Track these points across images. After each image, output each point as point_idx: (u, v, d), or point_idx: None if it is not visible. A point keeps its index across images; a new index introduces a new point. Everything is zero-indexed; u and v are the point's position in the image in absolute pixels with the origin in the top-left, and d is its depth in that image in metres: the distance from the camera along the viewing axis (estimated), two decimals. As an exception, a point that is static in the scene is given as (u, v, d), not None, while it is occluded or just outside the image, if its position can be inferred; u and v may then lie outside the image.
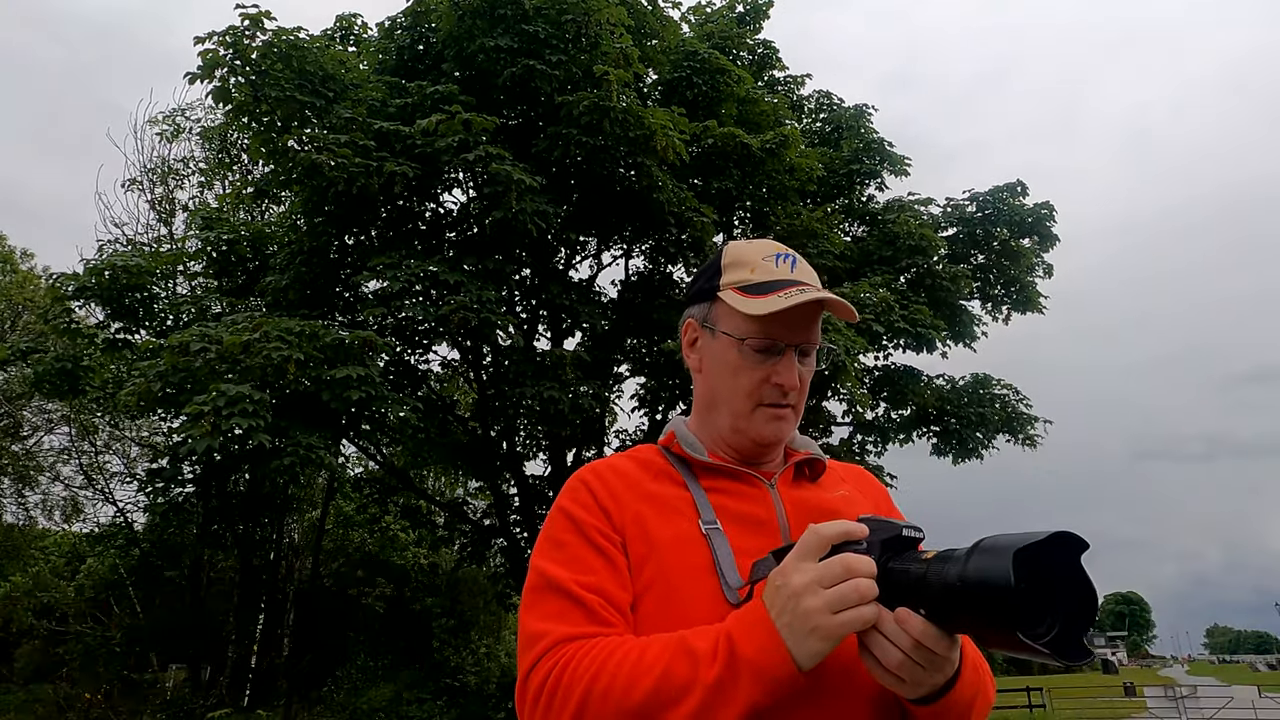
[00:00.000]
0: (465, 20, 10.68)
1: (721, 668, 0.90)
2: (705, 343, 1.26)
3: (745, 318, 1.18)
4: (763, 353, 1.18)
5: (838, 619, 0.87)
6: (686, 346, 1.29)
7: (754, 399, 1.19)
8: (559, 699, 0.96)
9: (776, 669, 0.89)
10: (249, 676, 15.26)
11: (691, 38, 13.44)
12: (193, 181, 17.05)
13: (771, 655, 0.89)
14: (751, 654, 0.90)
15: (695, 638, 0.95)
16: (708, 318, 1.25)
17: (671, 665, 0.93)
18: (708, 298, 1.25)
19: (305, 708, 14.41)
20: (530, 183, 9.54)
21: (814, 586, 0.88)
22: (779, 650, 0.89)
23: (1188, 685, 31.27)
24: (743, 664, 0.90)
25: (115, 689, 13.95)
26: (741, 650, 0.91)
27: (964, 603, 0.80)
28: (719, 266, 1.25)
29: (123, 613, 15.61)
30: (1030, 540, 0.77)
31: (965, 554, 0.82)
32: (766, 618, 0.91)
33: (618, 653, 0.97)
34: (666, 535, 1.11)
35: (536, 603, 1.08)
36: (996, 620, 0.78)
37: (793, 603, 0.89)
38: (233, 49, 9.57)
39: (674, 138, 10.09)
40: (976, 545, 0.82)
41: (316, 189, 9.71)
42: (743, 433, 1.21)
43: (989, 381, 14.08)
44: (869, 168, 14.47)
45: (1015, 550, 0.76)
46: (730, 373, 1.20)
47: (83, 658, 14.62)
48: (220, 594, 16.10)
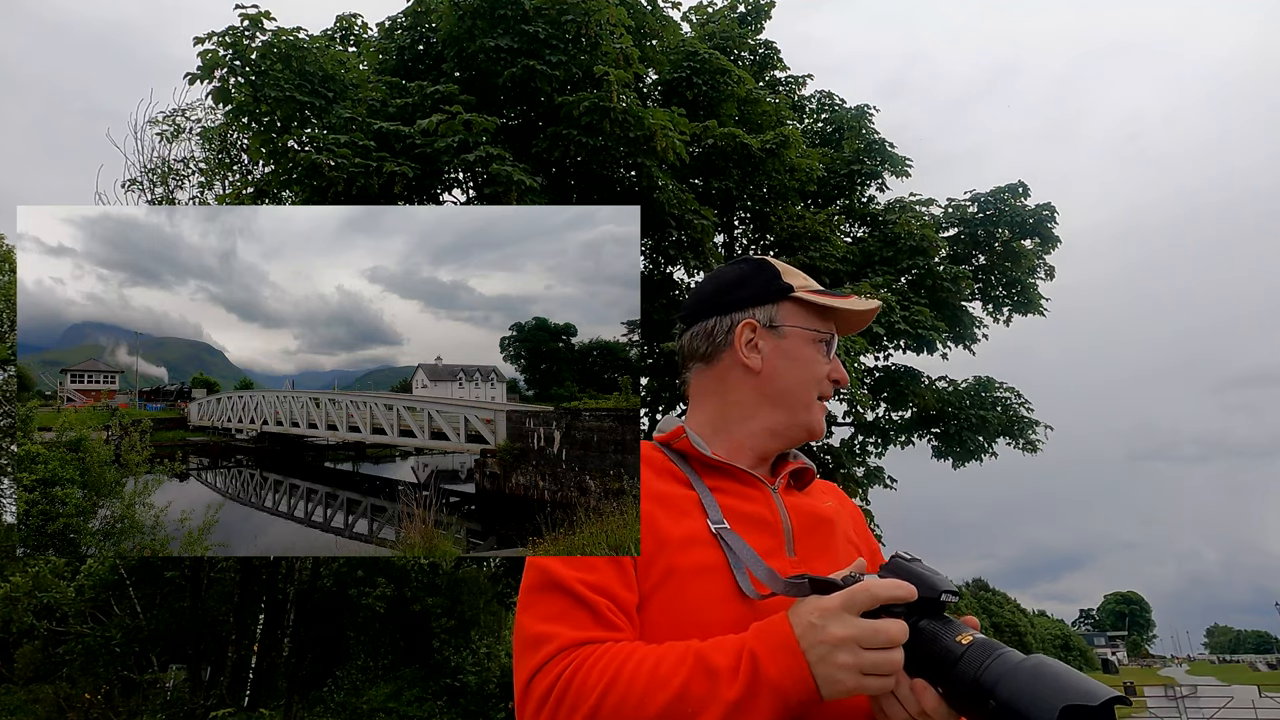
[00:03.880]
0: (465, 20, 10.67)
1: (743, 687, 0.91)
2: (769, 342, 1.28)
3: (818, 315, 1.30)
4: (827, 346, 1.30)
5: (865, 682, 0.90)
6: (743, 347, 1.29)
7: (817, 390, 1.29)
8: (565, 708, 0.94)
9: (801, 694, 0.91)
10: (249, 676, 15.24)
11: (692, 38, 13.43)
12: (193, 182, 17.03)
13: (796, 681, 0.91)
14: (776, 677, 0.91)
15: (713, 653, 0.95)
16: (774, 318, 1.28)
17: (690, 680, 0.92)
18: (772, 299, 1.29)
19: (305, 708, 14.40)
20: (530, 183, 9.52)
21: (852, 644, 0.89)
22: (805, 679, 0.90)
23: (1188, 685, 31.26)
24: (765, 685, 0.90)
25: (115, 689, 13.94)
26: (766, 671, 0.91)
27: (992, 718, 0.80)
28: (775, 272, 1.31)
29: (123, 613, 15.60)
30: (1082, 702, 0.77)
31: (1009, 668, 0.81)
32: (796, 646, 0.92)
33: (630, 663, 0.95)
34: (676, 534, 1.11)
35: (537, 602, 1.06)
36: None
37: (826, 649, 0.90)
38: (232, 49, 9.56)
39: (674, 138, 10.07)
40: (1022, 667, 0.81)
41: (316, 189, 9.70)
42: (803, 424, 1.28)
43: (990, 384, 14.06)
44: (870, 168, 14.46)
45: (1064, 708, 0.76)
46: (805, 365, 1.28)
47: (83, 658, 14.61)
48: (220, 594, 16.08)
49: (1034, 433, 13.94)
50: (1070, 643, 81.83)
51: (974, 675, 0.83)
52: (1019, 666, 0.81)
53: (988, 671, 0.82)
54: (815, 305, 1.29)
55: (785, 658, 0.91)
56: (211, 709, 12.79)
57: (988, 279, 14.87)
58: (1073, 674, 0.80)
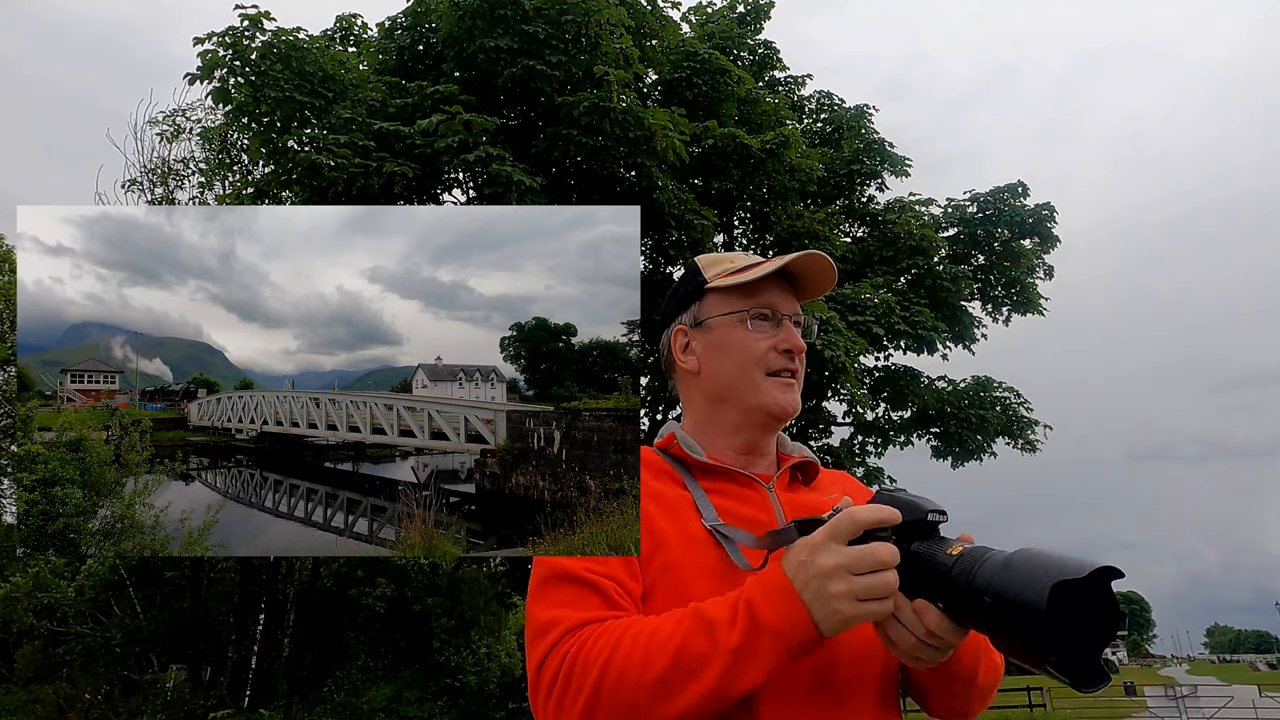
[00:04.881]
0: (465, 20, 10.66)
1: (742, 634, 0.91)
2: (700, 341, 1.29)
3: (743, 294, 1.25)
4: (763, 320, 1.24)
5: (862, 608, 0.89)
6: (679, 354, 1.31)
7: (763, 366, 1.24)
8: (572, 686, 0.95)
9: (800, 634, 0.91)
10: (249, 677, 15.24)
11: (692, 38, 13.42)
12: (193, 182, 17.03)
13: (795, 622, 0.91)
14: (774, 620, 0.91)
15: (710, 608, 0.96)
16: (698, 316, 1.29)
17: (689, 637, 0.93)
18: (692, 299, 1.30)
19: (305, 708, 14.40)
20: (530, 183, 9.52)
21: (843, 571, 0.89)
22: (803, 618, 0.90)
23: (1188, 685, 31.27)
24: (764, 630, 0.91)
25: (115, 689, 13.94)
26: (763, 616, 0.91)
27: (989, 617, 0.81)
28: (695, 269, 1.31)
29: (123, 613, 15.60)
30: (1070, 576, 0.76)
31: (998, 564, 0.81)
32: (790, 587, 0.92)
33: (629, 632, 0.96)
34: (673, 533, 1.12)
35: (546, 592, 1.07)
36: (1019, 641, 0.78)
37: (818, 582, 0.90)
38: (232, 50, 9.56)
39: (674, 138, 10.07)
40: (1010, 559, 0.81)
41: (316, 189, 9.70)
42: (759, 409, 1.23)
43: (990, 384, 14.07)
44: (869, 168, 14.46)
45: (1054, 584, 0.75)
46: (736, 349, 1.24)
47: (83, 658, 14.61)
48: (220, 594, 16.07)
49: (1033, 432, 13.95)
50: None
51: (967, 581, 0.83)
52: (1007, 560, 0.81)
53: (979, 574, 0.82)
54: (734, 287, 1.25)
55: (780, 599, 0.91)
56: (211, 709, 12.80)
57: (987, 279, 14.87)
58: (1059, 555, 0.79)
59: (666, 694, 0.91)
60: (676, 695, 0.91)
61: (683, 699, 0.91)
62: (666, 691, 0.91)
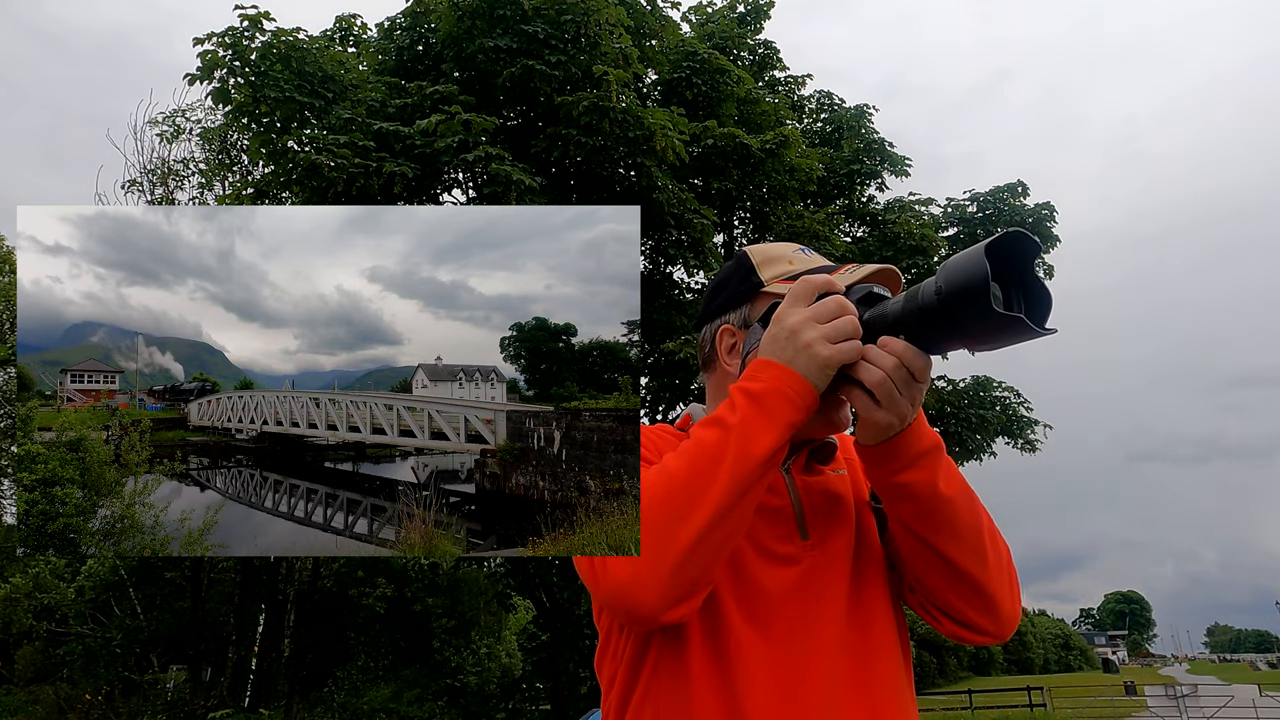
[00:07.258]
0: (465, 20, 10.67)
1: (744, 409, 0.97)
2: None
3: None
4: None
5: (836, 348, 0.95)
6: (724, 355, 1.26)
7: None
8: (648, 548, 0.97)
9: (794, 384, 0.96)
10: (249, 677, 15.25)
11: (691, 38, 13.42)
12: (193, 182, 17.04)
13: (785, 379, 0.97)
14: (767, 385, 0.97)
15: (707, 417, 1.02)
16: (748, 318, 1.23)
17: (700, 439, 0.98)
18: (744, 299, 1.25)
19: (306, 708, 14.40)
20: (530, 183, 9.53)
21: (810, 322, 0.97)
22: (789, 373, 0.97)
23: (1188, 684, 31.25)
24: (763, 395, 0.97)
25: (115, 690, 13.94)
26: (756, 387, 0.98)
27: (942, 311, 0.87)
28: (750, 266, 1.26)
29: (123, 613, 15.60)
30: (994, 237, 0.83)
31: (933, 278, 0.89)
32: (769, 360, 0.99)
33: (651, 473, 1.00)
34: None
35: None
36: (973, 307, 0.83)
37: (793, 338, 0.98)
38: (232, 50, 9.57)
39: (674, 138, 10.07)
40: (941, 267, 0.89)
41: (316, 189, 9.71)
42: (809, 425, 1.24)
43: (989, 384, 14.07)
44: (869, 168, 14.47)
45: (986, 245, 0.83)
46: None
47: (83, 659, 14.62)
48: (220, 594, 16.08)
49: (1033, 432, 13.97)
50: (1070, 642, 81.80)
51: (916, 302, 0.90)
52: (939, 269, 0.88)
53: (923, 286, 0.90)
54: None
55: (767, 370, 0.98)
56: (212, 710, 12.80)
57: (987, 279, 14.87)
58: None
59: (701, 487, 0.95)
60: (709, 486, 0.95)
61: (716, 487, 0.94)
62: (701, 484, 0.95)
